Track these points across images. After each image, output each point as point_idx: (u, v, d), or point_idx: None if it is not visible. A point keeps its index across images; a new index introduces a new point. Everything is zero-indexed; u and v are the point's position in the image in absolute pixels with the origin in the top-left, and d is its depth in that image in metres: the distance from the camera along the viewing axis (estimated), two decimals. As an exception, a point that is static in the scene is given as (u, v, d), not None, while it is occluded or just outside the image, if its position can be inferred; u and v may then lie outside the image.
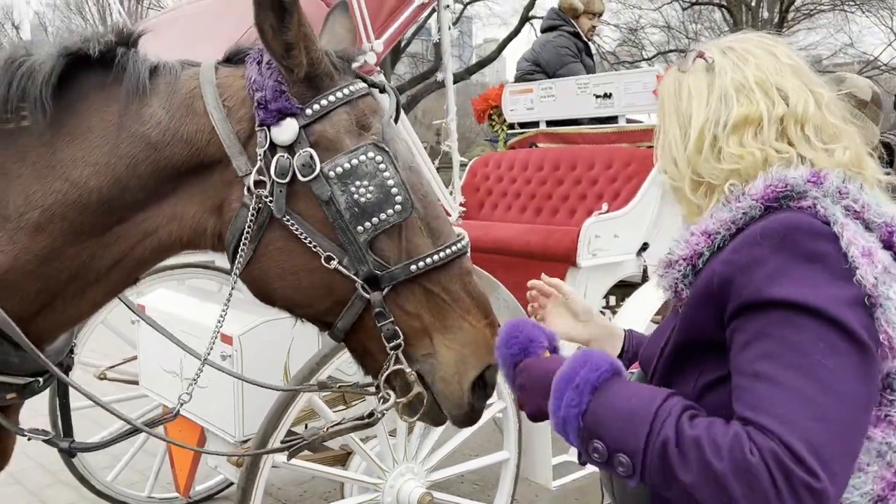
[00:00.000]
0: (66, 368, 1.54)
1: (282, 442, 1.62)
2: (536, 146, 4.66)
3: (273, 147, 1.33)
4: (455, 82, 3.01)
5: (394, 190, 1.33)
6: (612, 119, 4.35)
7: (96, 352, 3.77)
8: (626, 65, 22.45)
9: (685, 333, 1.18)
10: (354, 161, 1.33)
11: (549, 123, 4.65)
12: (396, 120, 1.47)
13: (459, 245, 1.41)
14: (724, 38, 1.30)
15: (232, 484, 4.09)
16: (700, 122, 1.20)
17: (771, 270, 1.04)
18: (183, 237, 1.40)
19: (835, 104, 1.21)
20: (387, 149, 1.35)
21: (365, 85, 1.43)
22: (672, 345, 1.21)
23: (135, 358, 3.48)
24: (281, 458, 2.47)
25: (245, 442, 2.72)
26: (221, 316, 1.49)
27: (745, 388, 1.04)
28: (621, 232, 3.72)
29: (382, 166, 1.34)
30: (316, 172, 1.32)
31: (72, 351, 1.58)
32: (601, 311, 4.42)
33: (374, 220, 1.33)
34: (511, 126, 4.81)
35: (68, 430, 1.64)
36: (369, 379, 1.49)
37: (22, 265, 1.31)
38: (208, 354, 1.51)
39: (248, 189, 1.33)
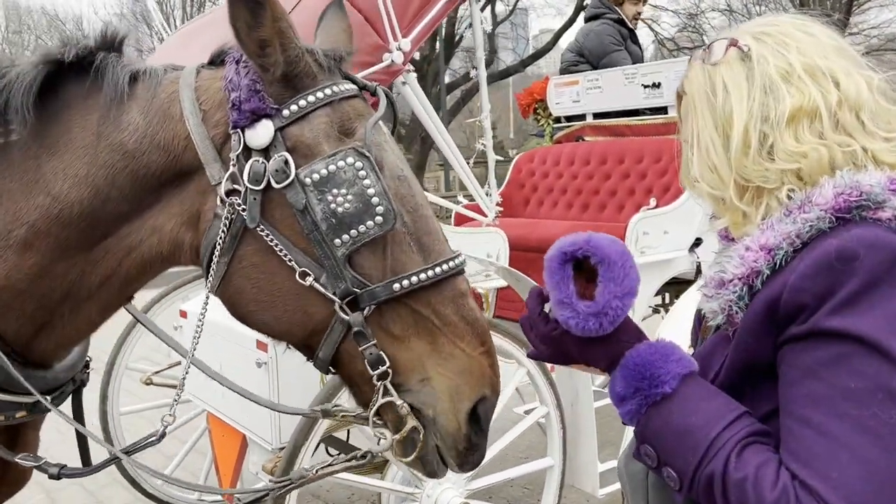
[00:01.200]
0: (80, 384, 1.52)
1: (271, 480, 1.54)
2: (583, 140, 4.53)
3: (247, 151, 1.24)
4: (510, 75, 2.95)
5: (375, 199, 1.22)
6: (662, 110, 4.18)
7: (145, 358, 3.83)
8: (686, 51, 21.81)
9: (740, 363, 1.05)
10: (332, 167, 1.22)
11: (597, 116, 4.51)
12: (394, 128, 1.38)
13: (453, 263, 1.28)
14: (749, 22, 1.17)
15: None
16: (744, 120, 1.06)
17: (842, 298, 0.92)
18: (163, 251, 1.32)
19: (885, 88, 1.07)
20: (368, 155, 1.23)
21: (353, 86, 1.33)
22: (725, 374, 1.08)
23: (179, 363, 3.51)
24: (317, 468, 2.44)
25: (282, 449, 2.70)
26: (201, 315, 1.38)
27: (792, 432, 0.94)
28: (671, 228, 3.56)
29: (363, 173, 1.22)
30: (290, 178, 1.22)
31: (87, 366, 1.56)
32: (652, 312, 4.27)
33: (353, 231, 1.22)
34: (557, 120, 4.69)
35: (84, 452, 1.62)
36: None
37: (14, 284, 1.29)
38: (193, 352, 1.43)
39: (221, 198, 1.24)
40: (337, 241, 1.22)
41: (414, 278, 1.24)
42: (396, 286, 1.24)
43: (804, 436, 0.92)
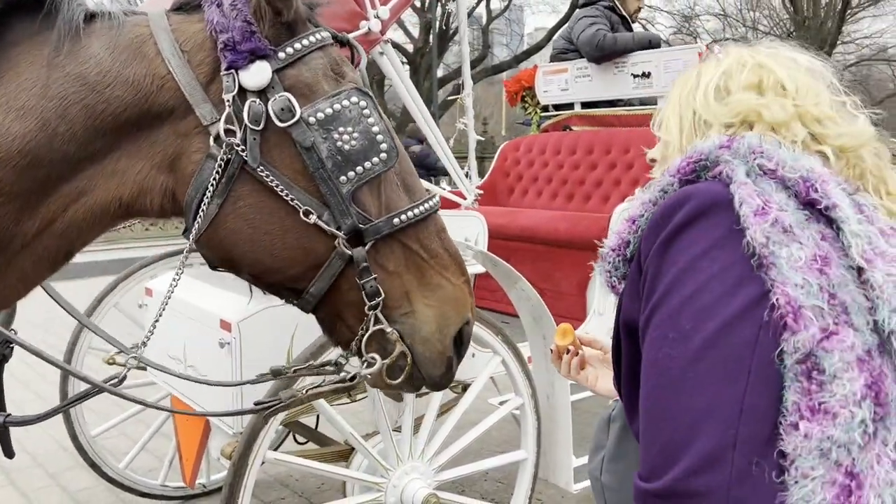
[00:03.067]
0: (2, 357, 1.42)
1: (255, 403, 1.50)
2: (570, 129, 4.43)
3: (242, 92, 1.25)
4: (502, 70, 2.82)
5: (379, 137, 1.28)
6: (651, 100, 4.09)
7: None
8: (680, 53, 21.78)
9: (626, 332, 1.06)
10: (337, 106, 1.27)
11: (585, 105, 4.41)
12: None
13: (434, 201, 1.38)
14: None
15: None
16: (706, 80, 1.13)
17: (653, 252, 0.95)
18: (123, 196, 1.27)
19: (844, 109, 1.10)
20: (370, 94, 1.30)
21: (329, 34, 1.35)
22: (624, 349, 1.08)
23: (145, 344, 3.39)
24: (272, 456, 2.33)
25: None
26: (174, 280, 1.36)
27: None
28: (656, 220, 3.47)
29: (367, 112, 1.28)
30: (296, 118, 1.24)
31: (8, 343, 1.45)
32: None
33: (359, 168, 1.27)
34: (545, 108, 4.59)
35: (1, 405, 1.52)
36: (332, 356, 1.43)
37: None
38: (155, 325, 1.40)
39: (217, 138, 1.23)
40: (343, 178, 1.26)
41: (410, 213, 1.33)
42: (396, 220, 1.32)
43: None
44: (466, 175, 2.77)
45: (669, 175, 1.02)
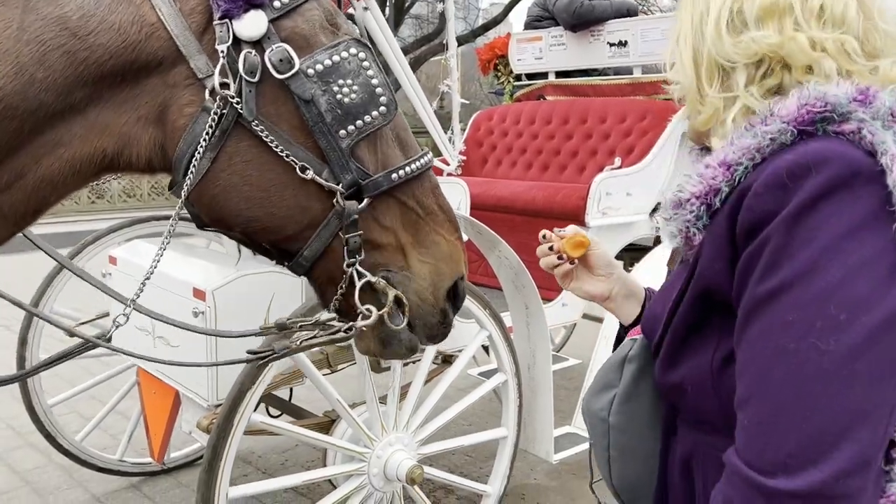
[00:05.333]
0: None
1: (248, 351, 1.45)
2: (545, 99, 4.36)
3: (237, 43, 1.19)
4: (459, 45, 2.71)
5: (379, 90, 1.24)
6: (627, 70, 4.05)
7: (70, 306, 3.50)
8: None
9: (701, 289, 0.96)
10: (336, 57, 1.22)
11: (559, 75, 4.34)
12: None
13: (427, 158, 1.35)
14: None
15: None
16: (717, 7, 0.99)
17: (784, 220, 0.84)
18: (107, 149, 1.18)
19: (887, 13, 0.98)
20: (369, 45, 1.26)
21: None
22: (687, 304, 0.99)
23: (108, 314, 3.23)
24: (258, 419, 2.24)
25: (219, 406, 2.47)
26: (159, 252, 1.28)
27: (740, 376, 0.88)
28: (634, 190, 3.45)
29: (366, 64, 1.24)
30: (295, 69, 1.19)
31: None
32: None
33: (359, 122, 1.23)
34: (518, 77, 4.51)
35: None
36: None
37: None
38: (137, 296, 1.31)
39: (212, 90, 1.17)
40: (342, 132, 1.22)
41: (407, 168, 1.29)
42: (394, 176, 1.28)
43: (744, 379, 0.87)
44: (450, 140, 2.68)
45: (781, 120, 0.89)
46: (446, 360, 2.94)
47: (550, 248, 1.32)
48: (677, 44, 1.06)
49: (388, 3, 16.79)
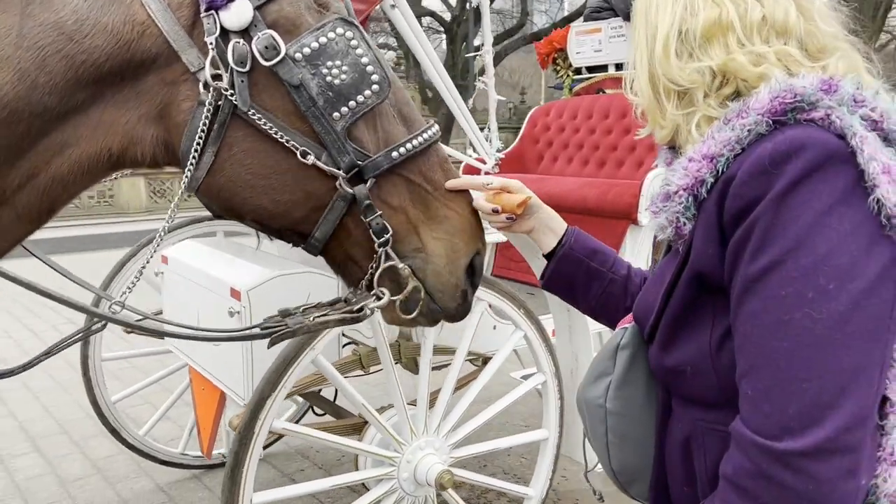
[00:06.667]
0: None
1: (262, 328, 1.40)
2: (604, 92, 4.22)
3: (225, 34, 1.20)
4: (540, 38, 2.64)
5: (369, 68, 1.23)
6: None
7: (130, 303, 3.65)
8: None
9: (694, 274, 1.04)
10: (322, 39, 1.21)
11: (619, 67, 4.19)
12: None
13: (434, 130, 1.33)
14: None
15: (272, 444, 3.96)
16: (665, 28, 1.08)
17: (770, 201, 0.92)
18: (113, 147, 1.21)
19: (827, 14, 1.07)
20: (356, 23, 1.24)
21: None
22: (682, 288, 1.06)
23: (161, 312, 3.34)
24: (279, 425, 2.24)
25: (255, 405, 2.50)
26: (159, 236, 1.36)
27: (740, 350, 0.95)
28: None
29: (354, 42, 1.23)
30: (281, 55, 1.19)
31: None
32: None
33: (351, 103, 1.22)
34: (577, 71, 4.38)
35: None
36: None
37: None
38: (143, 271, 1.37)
39: (206, 83, 1.18)
40: (336, 114, 1.22)
41: (409, 145, 1.28)
42: (395, 154, 1.26)
43: (745, 352, 0.94)
44: (487, 139, 2.60)
45: (756, 112, 0.97)
46: (485, 361, 2.88)
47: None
48: (634, 66, 1.14)
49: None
